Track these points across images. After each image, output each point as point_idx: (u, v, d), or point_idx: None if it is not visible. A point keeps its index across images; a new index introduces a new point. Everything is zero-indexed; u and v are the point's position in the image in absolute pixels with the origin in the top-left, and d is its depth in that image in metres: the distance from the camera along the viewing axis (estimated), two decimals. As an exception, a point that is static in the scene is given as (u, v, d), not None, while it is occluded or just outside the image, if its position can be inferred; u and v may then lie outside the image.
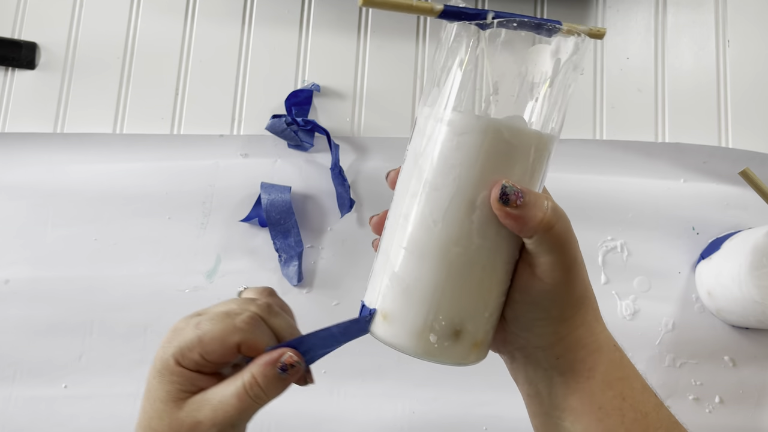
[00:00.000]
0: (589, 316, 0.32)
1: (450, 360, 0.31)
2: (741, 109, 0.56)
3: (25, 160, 0.56)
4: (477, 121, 0.29)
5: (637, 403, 0.31)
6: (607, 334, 0.32)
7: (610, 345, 0.32)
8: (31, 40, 0.58)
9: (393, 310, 0.31)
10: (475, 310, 0.31)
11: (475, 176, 0.29)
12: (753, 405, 0.50)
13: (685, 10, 0.58)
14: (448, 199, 0.30)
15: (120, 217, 0.54)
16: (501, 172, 0.29)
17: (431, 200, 0.30)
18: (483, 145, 0.29)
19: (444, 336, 0.31)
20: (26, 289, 0.53)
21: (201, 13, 0.59)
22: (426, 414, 0.50)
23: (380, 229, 0.34)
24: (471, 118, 0.29)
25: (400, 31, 0.58)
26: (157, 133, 0.56)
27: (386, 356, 0.51)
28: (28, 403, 0.51)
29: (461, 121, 0.30)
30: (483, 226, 0.30)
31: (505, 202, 0.28)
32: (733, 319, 0.50)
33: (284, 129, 0.54)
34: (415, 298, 0.31)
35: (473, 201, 0.29)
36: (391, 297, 0.31)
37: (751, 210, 0.53)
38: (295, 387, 0.52)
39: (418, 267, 0.31)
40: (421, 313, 0.31)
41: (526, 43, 0.31)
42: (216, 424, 0.30)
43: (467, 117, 0.30)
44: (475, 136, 0.29)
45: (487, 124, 0.29)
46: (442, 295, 0.30)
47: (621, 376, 0.31)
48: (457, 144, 0.29)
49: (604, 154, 0.55)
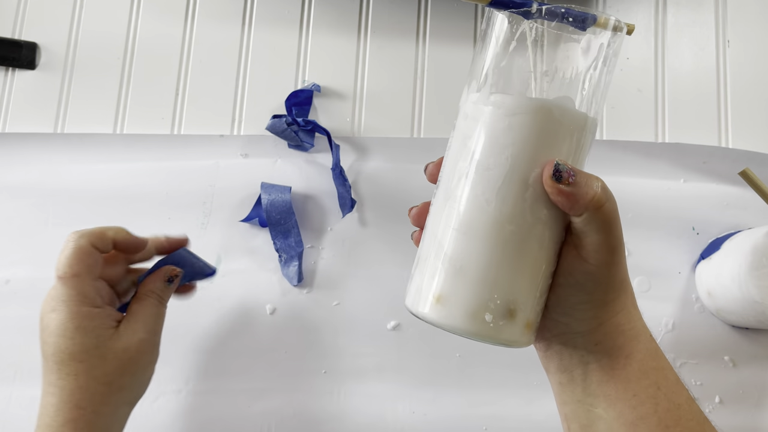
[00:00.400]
0: (629, 301, 0.32)
1: (504, 339, 0.31)
2: (741, 110, 0.56)
3: (25, 160, 0.56)
4: (529, 102, 0.30)
5: (671, 394, 0.31)
6: (644, 323, 0.33)
7: (647, 334, 0.32)
8: (31, 40, 0.58)
9: (447, 291, 0.31)
10: (528, 290, 0.31)
11: (528, 155, 0.30)
12: (753, 405, 0.50)
13: (685, 10, 0.58)
14: (501, 179, 0.30)
15: (120, 217, 0.54)
16: (552, 152, 0.30)
17: (483, 180, 0.31)
18: (535, 125, 0.30)
19: (499, 315, 0.31)
20: (26, 289, 0.53)
21: (201, 14, 0.59)
22: (426, 414, 0.50)
23: (421, 221, 0.35)
24: (523, 99, 0.31)
25: (400, 31, 0.58)
26: (157, 133, 0.56)
27: (386, 356, 0.51)
28: (28, 403, 0.51)
29: (513, 102, 0.31)
30: (535, 204, 0.30)
31: (558, 179, 0.29)
32: (733, 319, 0.50)
33: (285, 129, 0.54)
34: (470, 278, 0.31)
35: (526, 179, 0.30)
36: (443, 279, 0.31)
37: (751, 210, 0.53)
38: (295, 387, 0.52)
39: (472, 247, 0.31)
40: (477, 292, 0.31)
41: (572, 32, 0.32)
42: (152, 331, 0.41)
43: (519, 98, 0.31)
44: (527, 116, 0.30)
45: (539, 105, 0.30)
46: (497, 273, 0.30)
47: (656, 366, 0.31)
48: (509, 124, 0.30)
49: (603, 154, 0.55)
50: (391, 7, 0.59)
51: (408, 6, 0.59)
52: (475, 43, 0.58)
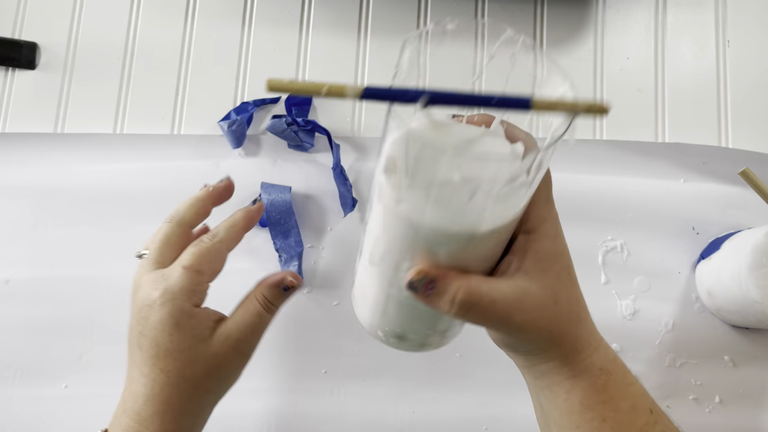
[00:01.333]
0: (564, 350, 0.31)
1: (401, 350, 0.36)
2: (741, 109, 0.56)
3: (25, 160, 0.56)
4: (398, 214, 0.28)
5: (619, 425, 0.31)
6: (593, 360, 0.32)
7: (594, 370, 0.31)
8: (31, 40, 0.58)
9: (356, 298, 0.36)
10: (415, 330, 0.34)
11: (397, 253, 0.29)
12: (753, 405, 0.50)
13: (685, 10, 0.58)
14: (382, 253, 0.31)
15: (120, 217, 0.54)
16: (421, 256, 0.28)
17: (372, 244, 0.31)
18: (404, 236, 0.28)
19: (389, 336, 0.35)
20: (26, 289, 0.53)
21: (201, 14, 0.59)
22: (426, 414, 0.50)
23: None
24: (394, 210, 0.28)
25: (400, 31, 0.58)
26: (157, 133, 0.56)
27: (386, 356, 0.51)
28: (28, 403, 0.51)
29: (388, 206, 0.28)
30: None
31: (414, 290, 0.29)
32: (733, 319, 0.50)
33: (284, 129, 0.54)
34: (365, 304, 0.35)
35: (398, 266, 0.30)
36: (356, 287, 0.36)
37: (751, 210, 0.53)
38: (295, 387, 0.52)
39: (366, 282, 0.34)
40: (368, 317, 0.35)
41: (467, 131, 0.29)
42: (245, 340, 0.39)
43: (392, 207, 0.28)
44: (400, 225, 0.28)
45: (408, 219, 0.27)
46: (382, 315, 0.34)
47: (603, 400, 0.31)
48: (386, 225, 0.29)
49: (603, 154, 0.55)
50: (391, 7, 0.59)
51: (408, 6, 0.59)
52: (475, 43, 0.58)
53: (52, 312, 0.52)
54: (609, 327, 0.51)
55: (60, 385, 0.51)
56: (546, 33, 0.58)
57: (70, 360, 0.52)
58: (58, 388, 0.51)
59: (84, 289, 0.53)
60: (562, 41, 0.58)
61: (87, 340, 0.52)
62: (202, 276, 0.38)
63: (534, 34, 0.58)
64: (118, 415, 0.38)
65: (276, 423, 0.50)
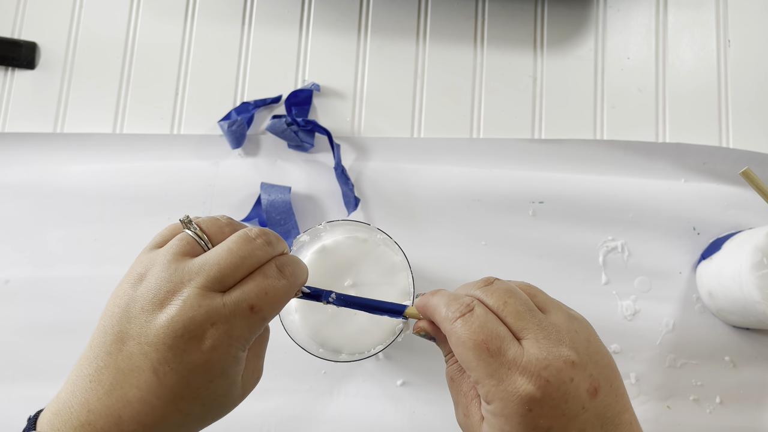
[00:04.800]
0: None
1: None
2: (742, 110, 0.56)
3: (25, 160, 0.56)
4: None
5: None
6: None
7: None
8: (30, 39, 0.58)
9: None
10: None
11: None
12: (753, 406, 0.50)
13: (686, 9, 0.58)
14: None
15: (120, 217, 0.54)
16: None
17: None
18: None
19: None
20: (26, 289, 0.53)
21: (201, 13, 0.59)
22: (426, 414, 0.50)
23: (424, 312, 0.36)
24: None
25: (400, 31, 0.58)
26: (157, 133, 0.56)
27: (386, 356, 0.51)
28: (28, 403, 0.51)
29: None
30: None
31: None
32: (733, 320, 0.50)
33: (284, 129, 0.54)
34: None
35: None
36: None
37: (752, 210, 0.53)
38: (295, 387, 0.52)
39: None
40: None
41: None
42: (259, 366, 0.35)
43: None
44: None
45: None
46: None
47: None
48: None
49: (604, 154, 0.54)
50: (391, 7, 0.59)
51: (408, 6, 0.58)
52: (475, 43, 0.58)
53: (52, 312, 0.52)
54: (609, 327, 0.51)
55: (60, 385, 0.51)
56: (546, 33, 0.58)
57: (70, 360, 0.51)
58: (58, 388, 0.51)
59: (84, 289, 0.53)
60: (563, 41, 0.58)
61: (87, 340, 0.52)
62: (265, 320, 0.31)
63: (534, 33, 0.58)
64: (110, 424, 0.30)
65: (276, 423, 0.50)
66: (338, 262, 0.46)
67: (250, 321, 0.30)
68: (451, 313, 0.31)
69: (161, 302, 0.30)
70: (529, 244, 0.53)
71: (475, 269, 0.53)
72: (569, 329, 0.31)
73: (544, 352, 0.29)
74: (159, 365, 0.29)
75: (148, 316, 0.30)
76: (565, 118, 0.56)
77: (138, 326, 0.30)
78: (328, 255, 0.46)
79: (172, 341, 0.29)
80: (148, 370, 0.29)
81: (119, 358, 0.30)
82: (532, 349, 0.30)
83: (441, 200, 0.54)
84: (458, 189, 0.54)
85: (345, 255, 0.46)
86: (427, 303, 0.34)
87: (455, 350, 0.31)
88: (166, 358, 0.29)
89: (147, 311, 0.30)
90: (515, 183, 0.54)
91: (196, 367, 0.29)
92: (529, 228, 0.53)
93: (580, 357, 0.30)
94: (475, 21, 0.58)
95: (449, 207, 0.54)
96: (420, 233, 0.53)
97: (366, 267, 0.45)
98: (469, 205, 0.54)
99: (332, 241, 0.46)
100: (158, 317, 0.29)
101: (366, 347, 0.44)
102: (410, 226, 0.54)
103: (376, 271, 0.45)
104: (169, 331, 0.29)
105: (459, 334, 0.30)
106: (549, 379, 0.29)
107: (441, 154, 0.55)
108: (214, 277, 0.30)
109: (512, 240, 0.53)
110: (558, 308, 0.33)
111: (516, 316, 0.31)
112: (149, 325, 0.29)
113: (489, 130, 0.56)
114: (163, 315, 0.29)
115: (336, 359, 0.43)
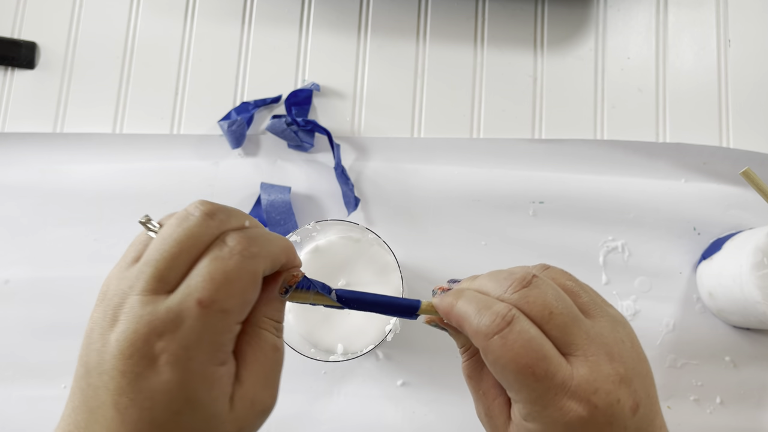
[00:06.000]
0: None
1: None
2: (742, 109, 0.56)
3: (25, 160, 0.56)
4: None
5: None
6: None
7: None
8: (30, 39, 0.58)
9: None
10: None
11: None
12: (754, 406, 0.50)
13: (686, 9, 0.58)
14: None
15: (120, 217, 0.54)
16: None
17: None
18: None
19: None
20: (26, 289, 0.53)
21: (201, 13, 0.59)
22: (426, 414, 0.50)
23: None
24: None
25: (400, 31, 0.58)
26: (157, 133, 0.56)
27: (386, 356, 0.51)
28: (28, 403, 0.51)
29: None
30: None
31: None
32: (734, 320, 0.50)
33: (284, 129, 0.54)
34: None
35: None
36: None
37: (753, 210, 0.53)
38: (295, 387, 0.52)
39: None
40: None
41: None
42: (273, 393, 0.29)
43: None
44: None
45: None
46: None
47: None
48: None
49: (604, 154, 0.54)
50: (391, 6, 0.58)
51: (408, 6, 0.58)
52: (475, 42, 0.58)
53: (52, 312, 0.52)
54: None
55: (60, 385, 0.51)
56: (547, 32, 0.58)
57: (70, 360, 0.51)
58: (57, 388, 0.51)
59: (83, 289, 0.53)
60: (563, 40, 0.58)
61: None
62: (229, 316, 0.25)
63: (534, 33, 0.58)
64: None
65: (276, 423, 0.50)
66: (332, 262, 0.46)
67: (206, 320, 0.24)
68: (484, 326, 0.27)
69: (111, 321, 0.25)
70: (529, 244, 0.53)
71: (475, 269, 0.52)
72: (616, 339, 0.29)
73: (594, 374, 0.27)
74: (118, 397, 0.24)
75: (103, 339, 0.25)
76: (565, 118, 0.56)
77: (96, 353, 0.25)
78: (322, 255, 0.45)
79: (123, 365, 0.24)
80: (111, 406, 0.24)
81: (88, 394, 0.25)
82: (582, 370, 0.27)
83: (441, 200, 0.54)
84: (458, 189, 0.54)
85: (338, 255, 0.46)
86: (451, 309, 0.30)
87: (492, 369, 0.28)
88: (122, 387, 0.24)
89: (103, 334, 0.25)
90: (515, 183, 0.54)
91: (156, 394, 0.24)
92: (529, 228, 0.53)
93: (627, 371, 0.28)
94: (475, 21, 0.58)
95: (449, 207, 0.54)
96: (420, 233, 0.53)
97: (359, 267, 0.45)
98: (469, 205, 0.54)
99: (326, 242, 0.46)
100: (110, 339, 0.25)
101: (360, 347, 0.44)
102: (410, 226, 0.53)
103: (369, 270, 0.45)
104: (118, 353, 0.24)
105: (498, 355, 0.27)
106: (598, 404, 0.26)
107: (441, 154, 0.55)
108: (152, 276, 0.25)
109: (512, 240, 0.53)
110: (602, 311, 0.30)
111: (562, 330, 0.28)
112: (105, 350, 0.25)
113: (489, 130, 0.56)
114: (113, 335, 0.25)
115: (326, 359, 0.42)
